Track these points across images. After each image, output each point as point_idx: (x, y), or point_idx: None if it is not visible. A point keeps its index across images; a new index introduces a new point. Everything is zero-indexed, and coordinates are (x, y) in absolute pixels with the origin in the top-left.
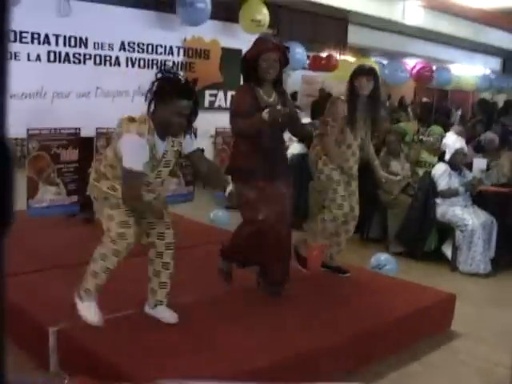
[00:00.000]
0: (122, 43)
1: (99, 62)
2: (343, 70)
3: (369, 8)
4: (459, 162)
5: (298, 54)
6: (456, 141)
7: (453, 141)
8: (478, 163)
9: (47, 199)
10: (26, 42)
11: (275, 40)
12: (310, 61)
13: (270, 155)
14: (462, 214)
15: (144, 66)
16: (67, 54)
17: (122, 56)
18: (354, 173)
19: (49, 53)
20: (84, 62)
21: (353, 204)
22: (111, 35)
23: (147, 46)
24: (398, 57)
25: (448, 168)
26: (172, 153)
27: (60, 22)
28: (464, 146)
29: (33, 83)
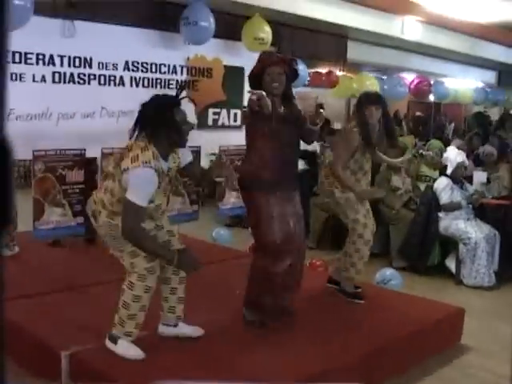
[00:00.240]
0: (126, 63)
1: (104, 82)
2: (343, 86)
3: (368, 24)
4: (460, 175)
5: (300, 72)
6: (457, 155)
7: (454, 155)
8: (479, 176)
9: (53, 221)
10: (31, 63)
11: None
12: (310, 77)
13: (291, 166)
14: (466, 227)
15: (148, 85)
16: (72, 75)
17: (127, 76)
18: None
19: (54, 74)
20: (89, 83)
21: (372, 221)
22: (115, 55)
23: (151, 65)
24: (395, 71)
25: (450, 182)
26: (174, 168)
27: (65, 42)
28: (465, 160)
29: (38, 104)
